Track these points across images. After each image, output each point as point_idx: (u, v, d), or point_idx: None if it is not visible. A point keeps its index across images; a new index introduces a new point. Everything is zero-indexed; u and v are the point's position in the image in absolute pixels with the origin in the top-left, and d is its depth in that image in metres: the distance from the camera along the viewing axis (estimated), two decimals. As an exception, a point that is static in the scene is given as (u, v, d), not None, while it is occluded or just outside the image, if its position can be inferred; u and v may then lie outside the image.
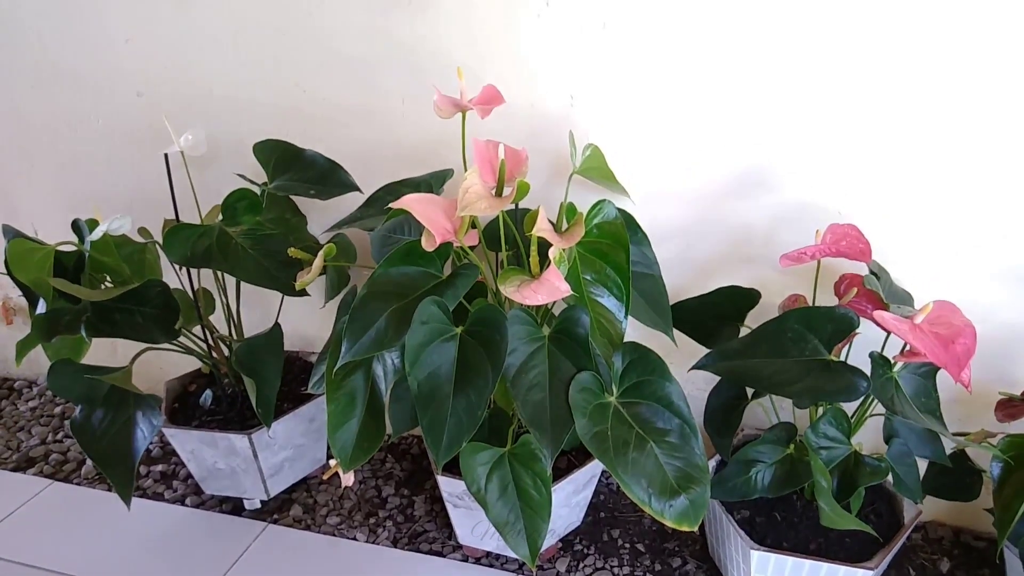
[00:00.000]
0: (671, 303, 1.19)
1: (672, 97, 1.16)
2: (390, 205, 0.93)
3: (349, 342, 0.96)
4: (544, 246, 0.92)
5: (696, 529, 0.91)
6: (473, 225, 1.04)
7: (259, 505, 1.38)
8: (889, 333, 0.93)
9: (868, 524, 1.12)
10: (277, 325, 1.25)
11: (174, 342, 1.23)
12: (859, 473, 0.96)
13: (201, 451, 1.31)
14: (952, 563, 1.26)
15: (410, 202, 0.90)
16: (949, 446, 1.10)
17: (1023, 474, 1.00)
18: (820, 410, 1.08)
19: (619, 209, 1.11)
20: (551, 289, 0.86)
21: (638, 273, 1.12)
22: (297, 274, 1.11)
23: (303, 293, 1.17)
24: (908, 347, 0.91)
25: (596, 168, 1.15)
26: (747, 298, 1.13)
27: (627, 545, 1.30)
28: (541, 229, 0.87)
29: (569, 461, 1.23)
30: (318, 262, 1.07)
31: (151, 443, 1.58)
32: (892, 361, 0.96)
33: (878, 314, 0.87)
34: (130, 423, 1.12)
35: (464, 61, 1.23)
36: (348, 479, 1.10)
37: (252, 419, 1.31)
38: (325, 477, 1.07)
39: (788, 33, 1.07)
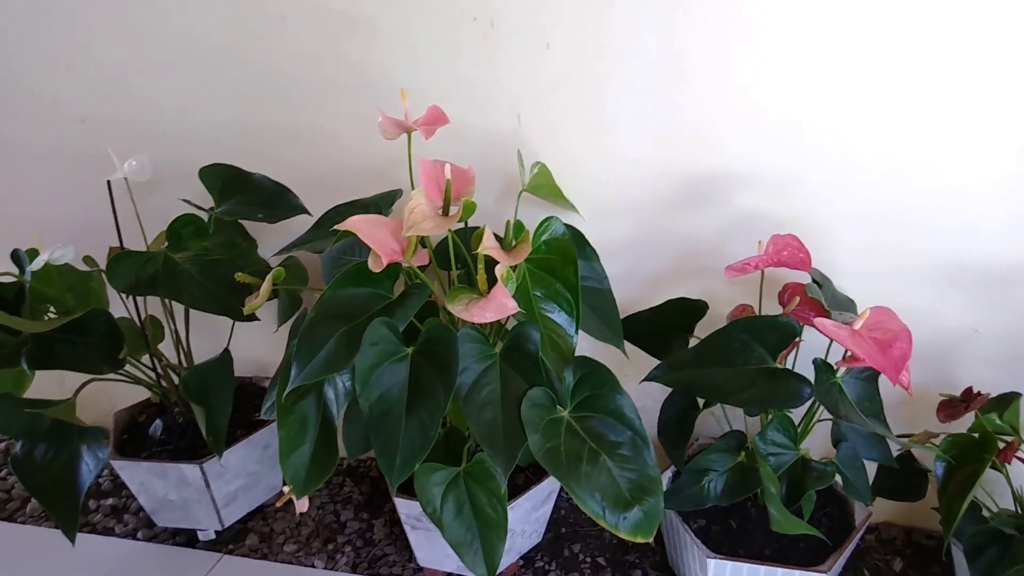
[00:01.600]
0: (623, 316, 1.21)
1: (616, 113, 1.18)
2: (335, 227, 0.93)
3: (299, 366, 0.95)
4: (492, 264, 0.92)
5: (652, 540, 0.92)
6: (424, 244, 1.05)
7: (214, 536, 1.35)
8: (832, 340, 0.95)
9: (820, 527, 1.14)
10: (227, 351, 1.24)
11: (121, 372, 1.21)
12: (806, 478, 0.98)
13: (151, 483, 1.27)
14: (904, 562, 1.29)
15: (355, 223, 0.90)
16: (895, 448, 1.13)
17: (965, 472, 1.03)
18: (769, 417, 1.10)
19: (567, 225, 1.12)
20: (499, 307, 0.86)
21: (588, 288, 1.14)
22: (245, 299, 1.09)
23: (252, 318, 1.16)
24: (849, 353, 0.94)
25: (544, 185, 1.17)
26: (695, 309, 1.15)
27: (588, 559, 1.30)
28: (487, 247, 0.87)
29: (527, 477, 1.23)
30: (266, 286, 1.06)
31: (101, 476, 1.54)
32: (835, 367, 0.99)
33: (818, 321, 0.89)
34: (74, 457, 1.09)
35: (412, 83, 1.23)
36: (303, 505, 1.08)
37: (204, 448, 1.29)
38: (279, 504, 1.06)
39: (726, 46, 1.10)
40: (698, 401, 1.14)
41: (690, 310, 1.15)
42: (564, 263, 1.02)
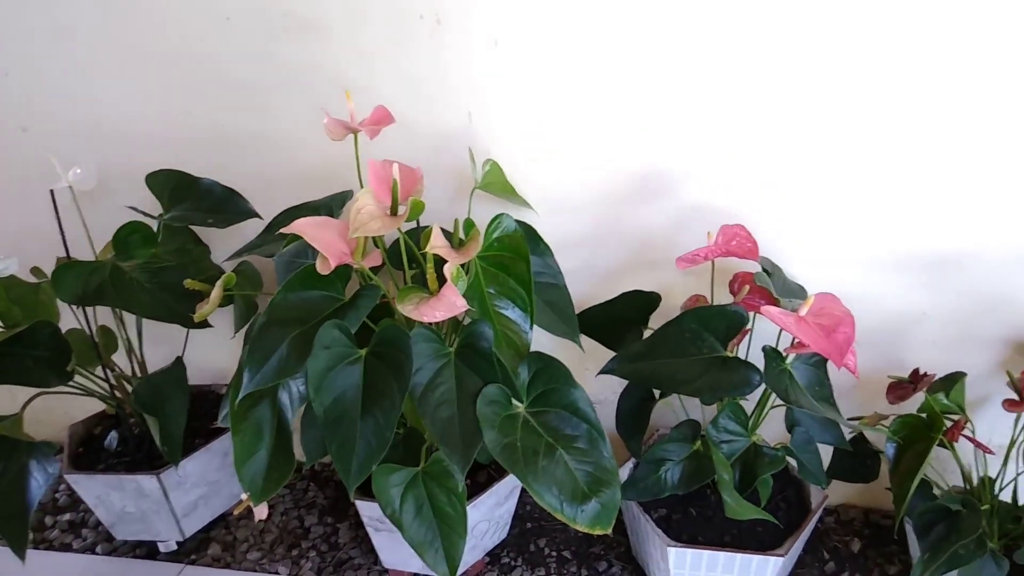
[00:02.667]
0: (579, 311, 1.22)
1: (566, 109, 1.19)
2: (281, 231, 0.92)
3: (250, 372, 0.95)
4: (443, 263, 0.92)
5: (611, 531, 0.93)
6: (377, 245, 1.04)
7: (175, 547, 1.33)
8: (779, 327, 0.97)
9: (778, 512, 1.16)
10: (179, 359, 1.22)
11: (73, 384, 1.18)
12: (759, 463, 1.00)
13: (108, 496, 1.25)
14: (863, 543, 1.31)
15: (302, 226, 0.89)
16: (848, 431, 1.15)
17: (914, 452, 1.06)
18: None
19: (519, 221, 1.12)
20: (448, 305, 0.86)
21: (543, 284, 1.14)
22: (197, 305, 1.08)
23: (205, 325, 1.14)
24: (796, 339, 0.95)
25: (496, 183, 1.17)
26: (648, 301, 1.16)
27: (554, 553, 1.31)
28: (435, 246, 0.87)
29: (489, 474, 1.23)
30: (216, 292, 1.05)
31: (58, 491, 1.51)
32: (784, 354, 1.00)
33: (765, 309, 0.90)
34: (23, 473, 1.06)
35: (361, 82, 1.23)
36: (262, 512, 1.07)
37: (161, 459, 1.27)
38: (236, 512, 1.04)
39: (670, 41, 1.11)
40: (654, 392, 1.15)
41: (644, 302, 1.16)
42: (516, 259, 1.02)
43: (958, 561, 0.99)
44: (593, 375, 1.11)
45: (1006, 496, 1.15)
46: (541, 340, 1.34)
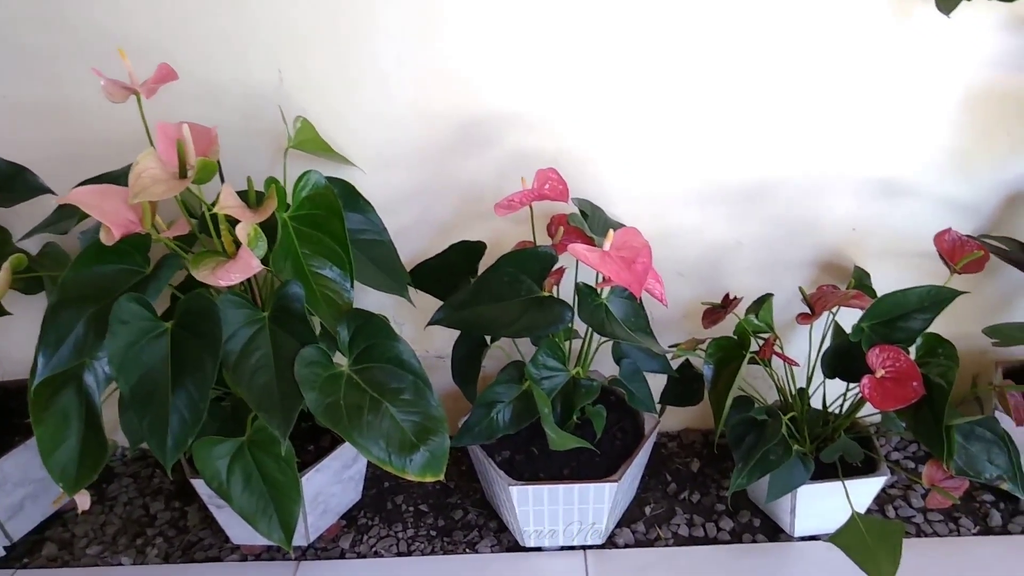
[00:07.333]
0: (416, 265, 1.22)
1: (381, 59, 1.16)
2: (59, 202, 0.86)
3: (45, 356, 0.90)
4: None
5: (442, 477, 0.94)
6: (193, 214, 1.00)
7: (3, 552, 1.25)
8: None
9: (615, 441, 1.21)
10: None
11: None
12: (576, 395, 1.04)
13: (-84, 508, 1.16)
14: (702, 463, 1.40)
15: (78, 196, 0.84)
16: (672, 358, 1.21)
17: (729, 371, 1.13)
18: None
19: (337, 179, 1.10)
20: (244, 267, 0.84)
21: (367, 240, 1.13)
22: (-16, 293, 0.99)
23: (2, 312, 1.06)
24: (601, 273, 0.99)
25: (310, 140, 1.13)
26: (475, 251, 1.17)
27: (411, 508, 1.32)
28: (225, 206, 0.84)
29: (333, 438, 1.22)
30: (3, 276, 0.97)
31: None
32: (598, 289, 1.04)
33: (571, 247, 0.93)
34: None
35: (159, 43, 1.15)
36: (84, 502, 1.02)
37: (-25, 461, 1.18)
38: (54, 505, 0.99)
39: (474, -10, 1.11)
40: (486, 339, 1.16)
41: (471, 252, 1.17)
42: (330, 217, 1.00)
43: (770, 465, 1.07)
44: (432, 330, 1.11)
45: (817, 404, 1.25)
46: (384, 301, 1.33)
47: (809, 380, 1.20)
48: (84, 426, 0.97)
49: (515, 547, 1.22)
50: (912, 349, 1.07)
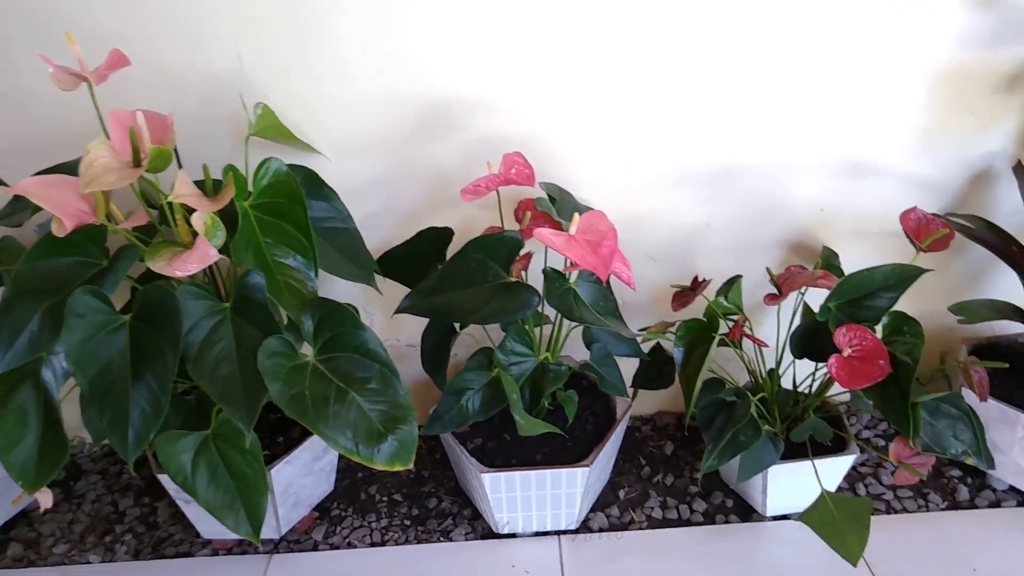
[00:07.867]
0: (383, 253, 1.20)
1: (343, 44, 1.14)
2: (11, 192, 0.83)
3: (-1, 352, 0.87)
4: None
5: (412, 466, 0.93)
6: (153, 204, 0.97)
7: (-33, 554, 1.23)
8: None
9: (587, 425, 1.21)
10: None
11: None
12: (544, 380, 1.03)
13: None
14: (675, 445, 1.41)
15: (27, 186, 0.81)
16: (642, 341, 1.21)
17: (699, 353, 1.13)
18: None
19: (299, 166, 1.08)
20: (201, 256, 0.82)
21: (332, 228, 1.11)
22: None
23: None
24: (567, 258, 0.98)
25: (271, 127, 1.11)
26: (443, 237, 1.16)
27: (384, 498, 1.31)
28: (180, 195, 0.82)
29: (303, 430, 1.20)
30: (-47, 271, 0.95)
31: None
32: (566, 273, 1.03)
33: (536, 232, 0.92)
34: None
35: (115, 28, 1.12)
36: (46, 500, 1.00)
37: (-65, 461, 1.15)
38: (13, 504, 0.97)
39: (436, -28, 1.09)
40: (455, 326, 1.15)
41: (439, 238, 1.16)
42: (291, 204, 0.98)
43: (740, 446, 1.07)
44: (400, 317, 1.10)
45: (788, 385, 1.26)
46: (354, 291, 1.32)
47: (779, 361, 1.20)
48: (42, 423, 0.94)
49: (489, 534, 1.22)
50: (879, 328, 1.08)
